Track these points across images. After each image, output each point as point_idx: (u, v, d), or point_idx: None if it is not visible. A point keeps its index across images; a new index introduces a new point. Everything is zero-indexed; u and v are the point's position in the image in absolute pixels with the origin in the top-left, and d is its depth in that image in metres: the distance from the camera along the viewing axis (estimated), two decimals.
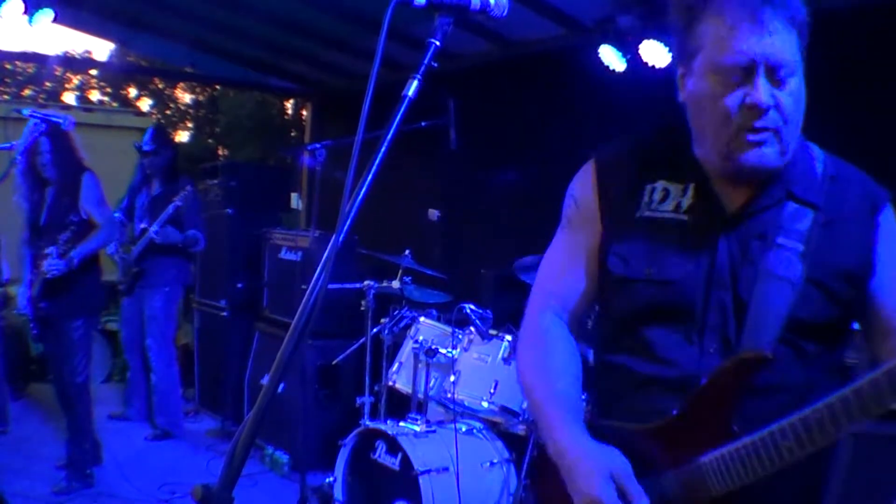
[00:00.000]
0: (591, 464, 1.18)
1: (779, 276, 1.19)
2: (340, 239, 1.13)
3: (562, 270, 1.42)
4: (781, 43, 1.15)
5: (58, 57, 15.22)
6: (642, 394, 1.28)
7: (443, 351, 3.46)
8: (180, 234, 4.76)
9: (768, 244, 1.22)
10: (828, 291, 1.22)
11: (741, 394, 1.16)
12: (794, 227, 1.22)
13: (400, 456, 3.15)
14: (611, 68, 4.29)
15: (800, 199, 1.24)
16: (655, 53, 4.11)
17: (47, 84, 22.46)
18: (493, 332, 3.46)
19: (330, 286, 1.11)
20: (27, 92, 21.61)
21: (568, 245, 1.42)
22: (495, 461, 3.34)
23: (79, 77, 23.86)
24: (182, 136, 24.21)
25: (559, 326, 1.41)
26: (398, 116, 1.19)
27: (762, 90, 1.15)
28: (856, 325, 1.37)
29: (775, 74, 1.16)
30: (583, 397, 1.39)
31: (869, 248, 1.24)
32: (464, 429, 3.41)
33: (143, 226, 4.78)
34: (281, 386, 1.13)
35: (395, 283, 3.89)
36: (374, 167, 1.16)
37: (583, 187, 1.40)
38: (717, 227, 1.25)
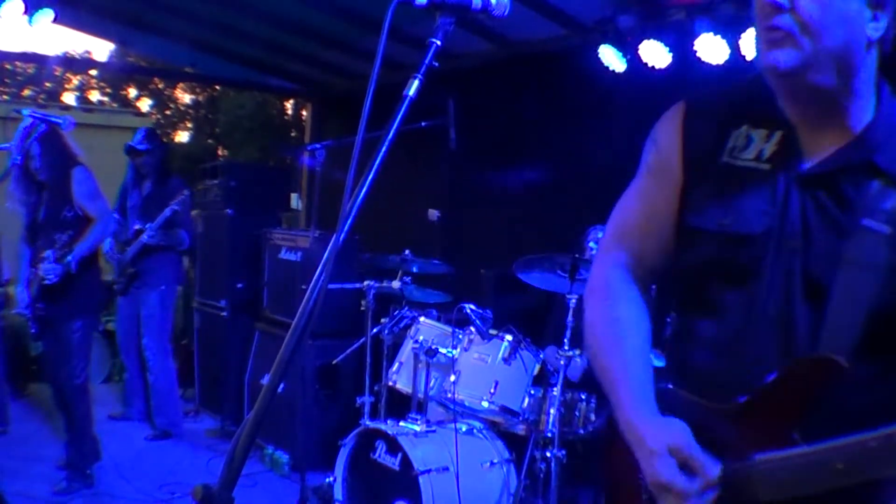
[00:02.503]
0: (653, 443, 1.16)
1: (863, 264, 1.09)
2: (341, 239, 1.13)
3: (636, 220, 1.36)
4: None
5: (58, 57, 15.24)
6: (706, 359, 1.24)
7: (443, 351, 3.46)
8: (171, 236, 4.83)
9: (852, 219, 1.12)
10: None
11: (810, 399, 1.09)
12: (879, 207, 1.10)
13: (400, 456, 3.15)
14: (611, 68, 4.29)
15: (885, 173, 1.12)
16: (655, 54, 4.11)
17: (47, 84, 22.48)
18: (493, 332, 3.46)
19: (330, 286, 1.11)
20: (27, 92, 21.63)
21: (644, 193, 1.36)
22: (495, 461, 3.34)
23: (79, 77, 23.87)
24: (182, 136, 24.25)
25: (629, 284, 1.35)
26: (399, 116, 1.19)
27: None
28: None
29: None
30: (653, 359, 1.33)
31: None
32: (464, 429, 3.41)
33: (137, 226, 4.79)
34: (281, 386, 1.13)
35: (395, 283, 3.89)
36: (375, 167, 1.16)
37: (666, 131, 1.32)
38: (791, 180, 1.17)
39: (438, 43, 1.23)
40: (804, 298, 1.14)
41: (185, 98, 24.38)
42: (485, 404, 3.36)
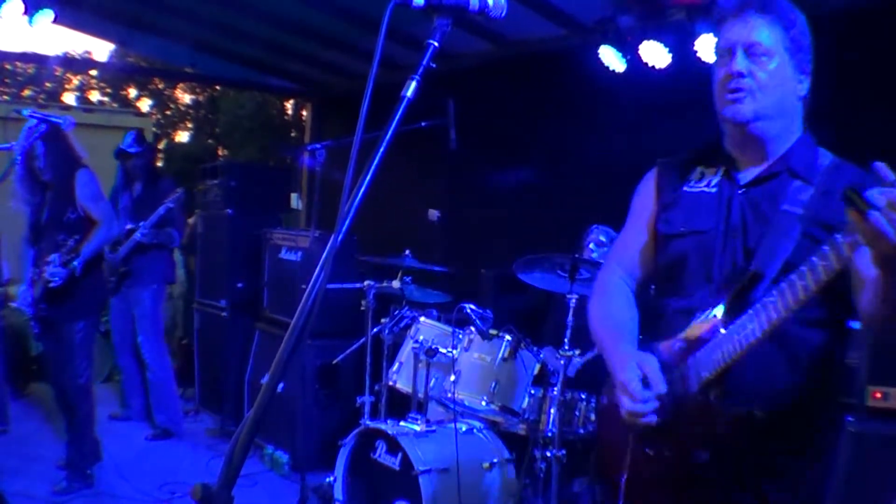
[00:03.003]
0: (627, 359, 1.62)
1: (781, 232, 1.56)
2: (340, 239, 1.13)
3: (627, 243, 1.89)
4: (758, 33, 1.57)
5: (58, 57, 15.23)
6: (675, 321, 1.68)
7: (443, 351, 3.46)
8: (163, 234, 4.85)
9: (775, 209, 1.59)
10: (813, 240, 1.52)
11: (736, 305, 1.54)
12: (797, 198, 1.58)
13: (400, 455, 3.15)
14: (611, 69, 4.29)
15: (801, 177, 1.61)
16: (655, 54, 4.12)
17: (47, 84, 22.48)
18: (493, 331, 3.46)
19: (330, 286, 1.12)
20: (27, 92, 21.62)
21: (632, 225, 1.88)
22: (495, 461, 3.34)
23: (79, 77, 23.87)
24: (182, 136, 24.25)
25: (620, 281, 1.87)
26: (397, 117, 1.20)
27: (738, 61, 1.58)
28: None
29: (751, 52, 1.58)
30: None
31: None
32: (464, 428, 3.41)
33: (129, 226, 4.80)
34: (281, 385, 1.13)
35: (396, 283, 3.89)
36: (373, 167, 1.16)
37: (646, 184, 1.86)
38: (733, 194, 1.67)
39: (436, 44, 1.23)
40: (742, 262, 1.61)
41: (185, 98, 24.37)
42: (484, 404, 3.36)
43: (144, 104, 23.91)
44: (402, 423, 3.34)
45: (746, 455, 1.53)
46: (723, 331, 1.52)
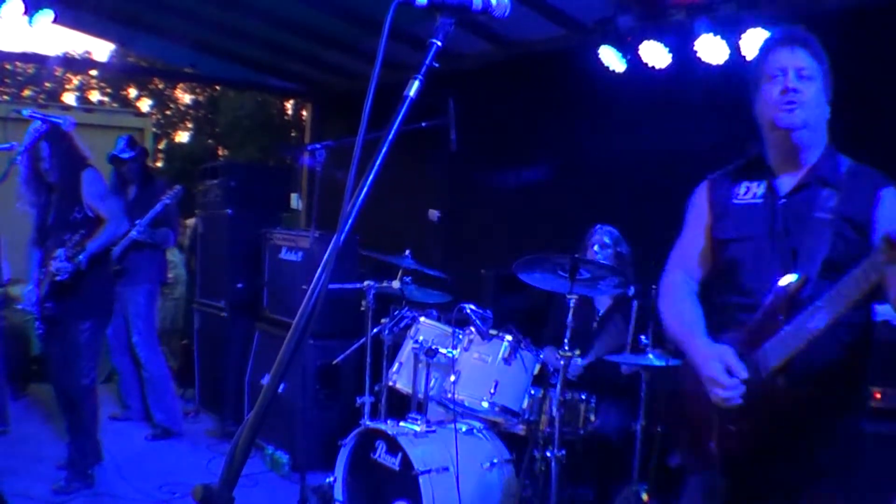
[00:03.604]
0: (709, 353, 1.89)
1: (817, 235, 1.88)
2: (341, 239, 1.13)
3: (686, 248, 2.17)
4: (804, 60, 1.93)
5: (58, 57, 15.22)
6: (733, 315, 1.98)
7: (443, 351, 3.46)
8: (158, 234, 4.86)
9: (810, 215, 1.91)
10: (844, 238, 1.87)
11: (791, 304, 1.83)
12: (826, 204, 1.90)
13: (400, 456, 3.15)
14: (611, 69, 4.29)
15: (829, 184, 1.93)
16: (655, 54, 4.11)
17: (47, 84, 22.47)
18: (493, 332, 3.45)
19: (330, 286, 1.11)
20: (27, 92, 21.61)
21: (690, 233, 2.17)
22: (495, 461, 3.34)
23: (79, 77, 23.86)
24: (182, 136, 24.24)
25: (684, 282, 2.15)
26: (399, 117, 1.19)
27: (792, 79, 1.91)
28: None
29: (799, 75, 1.92)
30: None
31: (870, 209, 1.88)
32: (464, 429, 3.41)
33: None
34: (281, 386, 1.13)
35: (396, 283, 3.88)
36: (375, 167, 1.16)
37: (700, 196, 2.16)
38: (776, 203, 1.99)
39: (439, 43, 1.23)
40: (790, 261, 1.91)
41: (185, 98, 24.36)
42: (485, 404, 3.36)
43: (144, 104, 23.89)
44: (402, 424, 3.34)
45: (805, 426, 1.84)
46: (786, 327, 1.80)
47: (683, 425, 2.13)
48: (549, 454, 3.18)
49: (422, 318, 3.69)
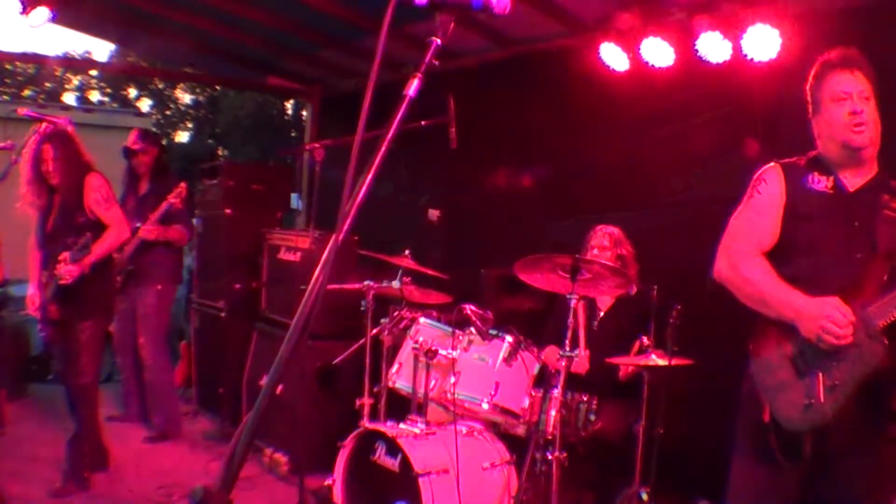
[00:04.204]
0: (819, 302, 2.09)
1: (890, 229, 2.18)
2: (340, 239, 1.12)
3: (755, 222, 2.35)
4: (863, 83, 2.23)
5: (58, 57, 15.24)
6: (803, 288, 2.17)
7: (443, 352, 3.44)
8: (168, 231, 4.79)
9: (878, 213, 2.21)
10: None
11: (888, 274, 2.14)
12: (890, 205, 2.22)
13: (399, 457, 3.13)
14: (612, 67, 4.28)
15: (890, 190, 2.25)
16: (657, 52, 4.10)
17: (47, 84, 22.49)
18: (493, 332, 3.44)
19: (330, 287, 1.10)
20: (27, 92, 21.64)
21: (758, 207, 2.35)
22: (496, 463, 3.33)
23: (79, 77, 23.88)
24: (182, 136, 24.26)
25: (755, 250, 2.31)
26: (399, 115, 1.18)
27: (858, 102, 2.21)
28: None
29: (861, 96, 2.22)
30: None
31: None
32: (464, 430, 3.40)
33: (136, 225, 4.77)
34: (280, 387, 1.12)
35: (395, 284, 3.87)
36: (374, 167, 1.15)
37: (773, 178, 2.35)
38: (844, 195, 2.28)
39: (439, 41, 1.22)
40: (861, 246, 2.20)
41: (185, 98, 24.40)
42: (485, 406, 3.35)
43: (144, 104, 23.92)
44: (401, 425, 3.33)
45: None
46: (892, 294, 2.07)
47: (751, 419, 2.24)
48: (549, 456, 3.17)
49: (421, 319, 3.68)
